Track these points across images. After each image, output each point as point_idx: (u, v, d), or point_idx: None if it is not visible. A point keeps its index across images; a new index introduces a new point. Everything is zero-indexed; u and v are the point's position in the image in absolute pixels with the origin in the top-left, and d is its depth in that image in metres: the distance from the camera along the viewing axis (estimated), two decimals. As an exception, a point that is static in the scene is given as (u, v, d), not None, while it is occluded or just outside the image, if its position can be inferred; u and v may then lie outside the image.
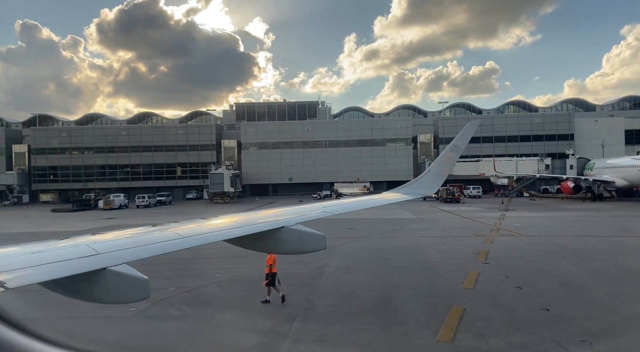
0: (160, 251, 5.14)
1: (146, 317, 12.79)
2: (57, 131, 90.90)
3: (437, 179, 13.13)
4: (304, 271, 18.41)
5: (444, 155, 13.63)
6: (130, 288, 4.50)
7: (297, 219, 7.47)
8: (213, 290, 15.67)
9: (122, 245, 5.04)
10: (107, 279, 4.28)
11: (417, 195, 12.77)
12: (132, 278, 4.43)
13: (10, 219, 50.17)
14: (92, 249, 4.63)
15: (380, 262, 20.17)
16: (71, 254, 4.49)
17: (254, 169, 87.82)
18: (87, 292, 4.39)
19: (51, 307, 13.62)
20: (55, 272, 4.06)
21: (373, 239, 27.70)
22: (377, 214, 45.29)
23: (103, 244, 4.92)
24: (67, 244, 4.91)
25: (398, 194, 12.62)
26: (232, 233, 6.36)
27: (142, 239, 5.38)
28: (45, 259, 4.23)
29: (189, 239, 5.62)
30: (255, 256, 22.12)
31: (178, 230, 5.95)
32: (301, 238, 7.06)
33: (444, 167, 13.37)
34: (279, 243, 6.93)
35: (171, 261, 21.11)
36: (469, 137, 14.27)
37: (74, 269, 4.17)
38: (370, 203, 12.42)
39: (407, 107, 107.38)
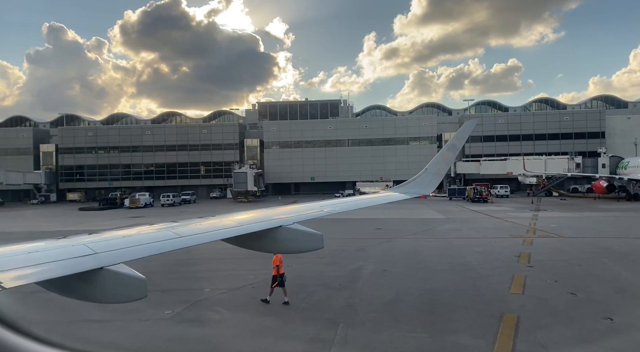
0: (157, 250, 5.10)
1: (183, 320, 12.38)
2: (83, 131, 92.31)
3: (434, 178, 13.03)
4: (339, 273, 17.83)
5: (441, 154, 13.56)
6: (128, 287, 4.46)
7: (294, 219, 7.42)
8: (249, 292, 15.19)
9: (119, 244, 4.99)
10: (104, 278, 4.25)
11: (415, 194, 12.79)
12: (130, 277, 4.39)
13: (40, 218, 50.90)
14: (89, 248, 4.60)
15: (417, 264, 19.42)
16: (68, 253, 4.46)
17: (276, 168, 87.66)
18: (85, 292, 4.35)
19: (80, 310, 13.34)
20: (53, 272, 4.03)
21: (405, 240, 26.92)
22: (405, 214, 44.45)
23: (100, 244, 4.86)
24: (64, 244, 4.84)
25: (395, 193, 12.68)
26: (229, 232, 6.30)
27: (139, 239, 5.33)
28: (42, 259, 4.21)
29: (186, 239, 5.58)
30: (287, 257, 21.64)
31: (175, 229, 5.90)
32: (298, 237, 7.01)
33: (442, 166, 13.29)
34: (277, 242, 6.88)
35: (203, 261, 20.84)
36: (466, 136, 14.46)
37: (71, 268, 4.13)
38: (368, 202, 12.39)
39: (431, 105, 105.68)
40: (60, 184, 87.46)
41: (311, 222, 29.27)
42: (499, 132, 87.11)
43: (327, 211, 9.16)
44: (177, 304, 13.73)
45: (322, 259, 20.69)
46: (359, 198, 12.30)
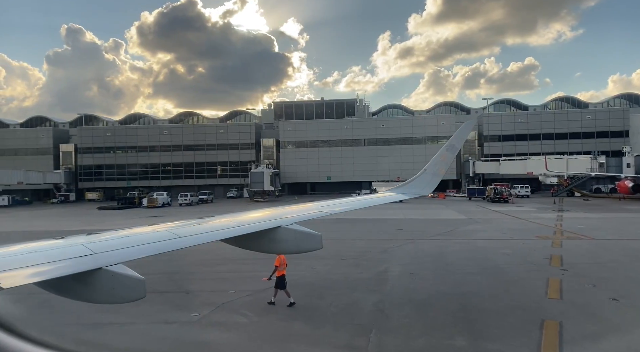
0: (156, 250, 5.08)
1: (210, 324, 12.05)
2: (102, 131, 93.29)
3: (433, 179, 13.09)
4: (365, 276, 17.37)
5: (440, 155, 13.50)
6: (126, 288, 4.43)
7: (293, 219, 7.41)
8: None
9: (118, 245, 4.97)
10: (102, 279, 4.23)
11: (414, 195, 12.82)
12: (128, 278, 4.36)
13: (61, 217, 51.38)
14: (87, 248, 4.58)
15: (445, 267, 18.85)
16: (66, 254, 4.43)
17: (293, 167, 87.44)
18: (83, 293, 4.33)
19: (95, 313, 13.07)
20: (51, 273, 4.01)
21: (429, 241, 26.32)
22: (425, 215, 43.78)
23: (98, 244, 4.85)
24: (62, 244, 4.82)
25: (394, 194, 12.65)
26: (228, 233, 6.29)
27: (137, 239, 5.30)
28: (40, 259, 4.20)
29: (185, 239, 5.56)
30: (309, 257, 21.23)
31: (174, 229, 5.89)
32: (297, 238, 7.00)
33: (440, 167, 13.29)
34: (276, 243, 6.88)
35: (224, 262, 20.53)
36: (465, 137, 14.37)
37: (69, 269, 4.11)
38: (367, 203, 12.23)
39: (449, 104, 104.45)
40: (79, 184, 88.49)
41: (329, 223, 29.15)
42: (519, 131, 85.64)
43: (325, 211, 9.09)
44: (202, 306, 13.42)
45: (346, 261, 20.29)
46: (358, 198, 12.69)
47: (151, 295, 15.16)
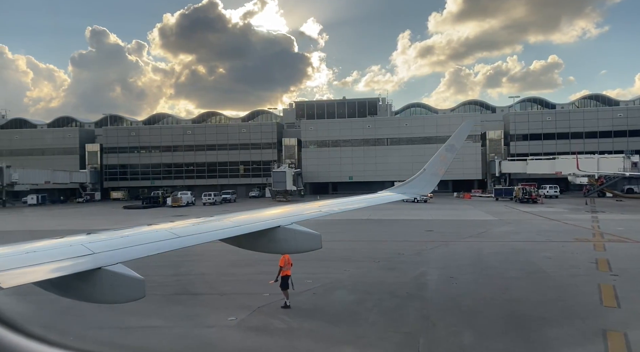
0: (155, 250, 5.08)
1: (249, 328, 11.58)
2: (126, 131, 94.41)
3: (432, 179, 13.05)
4: (403, 280, 16.71)
5: (439, 155, 13.51)
6: (126, 288, 4.42)
7: (292, 219, 7.38)
8: (311, 299, 14.28)
9: (117, 244, 4.96)
10: (102, 278, 4.23)
11: (413, 194, 12.92)
12: (128, 278, 4.35)
13: (87, 216, 51.94)
14: (87, 248, 4.58)
15: (485, 271, 18.05)
16: (66, 253, 4.45)
17: (314, 167, 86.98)
18: (83, 292, 4.32)
19: (134, 314, 12.75)
20: (50, 272, 4.01)
21: (462, 243, 25.48)
22: (453, 215, 42.80)
23: (98, 244, 4.84)
24: (62, 244, 4.82)
25: (393, 193, 12.62)
26: (228, 232, 6.30)
27: (137, 239, 5.30)
28: (40, 259, 4.20)
29: (184, 239, 5.57)
30: (340, 259, 20.67)
31: (174, 229, 5.89)
32: (297, 238, 6.97)
33: (440, 167, 13.29)
34: (275, 242, 6.84)
35: (255, 263, 20.10)
36: (465, 136, 14.54)
37: (69, 268, 4.11)
38: (366, 202, 12.13)
39: (473, 103, 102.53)
40: (104, 183, 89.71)
41: (355, 223, 28.67)
42: (546, 130, 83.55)
43: (325, 211, 9.07)
44: (239, 309, 12.97)
45: (379, 264, 19.67)
46: (357, 198, 12.26)
47: (185, 297, 14.89)
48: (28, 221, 47.26)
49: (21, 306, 12.40)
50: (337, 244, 26.27)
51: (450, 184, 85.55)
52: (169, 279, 17.37)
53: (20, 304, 12.53)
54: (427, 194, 13.76)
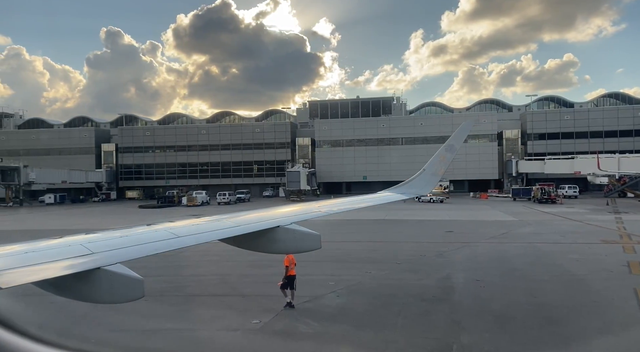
0: (154, 250, 5.08)
1: (274, 332, 11.25)
2: (141, 131, 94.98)
3: (431, 179, 13.21)
4: (427, 283, 16.25)
5: (438, 155, 13.59)
6: (125, 288, 4.41)
7: (292, 219, 7.36)
8: (334, 301, 13.92)
9: (116, 244, 4.96)
10: (101, 278, 4.23)
11: (412, 195, 12.88)
12: (126, 278, 4.35)
13: (104, 215, 52.21)
14: (85, 248, 4.59)
15: (511, 273, 17.51)
16: (65, 253, 4.45)
17: (328, 167, 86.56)
18: (81, 292, 4.32)
19: (155, 317, 12.51)
20: (50, 272, 4.02)
21: (484, 244, 24.89)
22: (471, 216, 42.10)
23: (97, 244, 4.85)
24: (61, 244, 4.82)
25: (392, 193, 12.69)
26: (227, 232, 6.31)
27: (136, 239, 5.30)
28: (38, 259, 4.21)
29: (183, 239, 5.57)
30: (362, 261, 20.26)
31: (173, 229, 5.89)
32: (296, 238, 6.94)
33: (439, 167, 13.37)
34: (275, 243, 6.81)
35: (275, 263, 19.79)
36: (464, 137, 14.61)
37: (68, 268, 4.12)
38: (365, 203, 12.15)
39: (490, 102, 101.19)
40: (119, 183, 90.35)
41: (371, 223, 28.25)
42: (565, 129, 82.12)
43: (324, 211, 9.14)
44: (262, 312, 12.65)
45: (402, 266, 19.22)
46: (356, 198, 12.50)
47: (208, 298, 14.62)
48: (46, 220, 47.63)
49: (37, 310, 12.24)
50: (356, 245, 25.90)
51: (466, 184, 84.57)
52: (189, 280, 17.17)
53: (36, 308, 12.37)
54: (427, 194, 13.69)
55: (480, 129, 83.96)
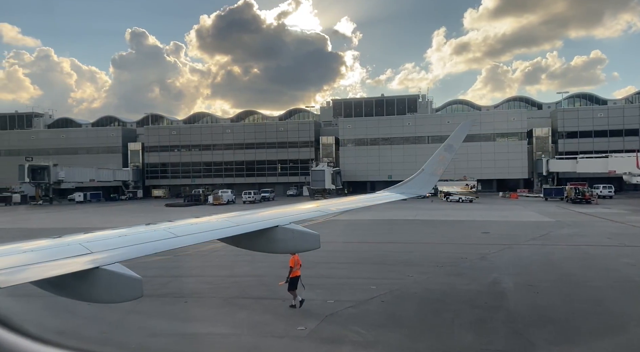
0: (153, 250, 5.09)
1: (322, 340, 10.58)
2: (167, 130, 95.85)
3: (431, 179, 13.24)
4: (476, 288, 15.36)
5: (437, 155, 13.60)
6: (123, 287, 4.41)
7: (291, 218, 7.32)
8: (380, 307, 13.16)
9: (115, 244, 4.96)
10: (99, 278, 4.23)
11: (411, 195, 12.80)
12: (125, 277, 4.36)
13: (132, 213, 52.53)
14: (84, 247, 4.61)
15: (564, 278, 16.46)
16: (64, 252, 4.45)
17: (352, 166, 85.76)
18: (80, 292, 4.32)
19: (206, 320, 12.01)
20: (48, 272, 4.02)
21: (526, 246, 23.78)
22: (505, 216, 40.75)
23: (96, 243, 4.86)
24: (59, 243, 4.81)
25: (392, 193, 12.71)
26: (226, 232, 6.30)
27: (135, 238, 5.30)
28: (37, 258, 4.22)
29: (182, 238, 5.57)
30: (401, 264, 19.45)
31: (172, 229, 5.88)
32: (295, 237, 6.91)
33: (438, 167, 13.37)
34: (273, 242, 6.80)
35: (310, 265, 19.18)
36: (463, 137, 14.44)
37: (66, 268, 4.12)
38: (364, 202, 12.17)
39: (519, 99, 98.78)
40: (146, 181, 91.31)
41: (402, 224, 27.40)
42: (598, 127, 79.49)
43: (323, 210, 9.17)
44: (305, 317, 12.02)
45: (444, 269, 18.35)
46: (356, 198, 12.51)
47: (248, 301, 14.04)
48: (77, 218, 48.14)
49: (68, 318, 11.88)
50: (391, 246, 25.10)
51: (495, 183, 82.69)
52: (227, 281, 16.67)
53: (67, 315, 12.02)
54: (427, 194, 13.42)
55: (509, 127, 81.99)
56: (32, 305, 13.01)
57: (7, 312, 3.40)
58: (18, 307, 12.24)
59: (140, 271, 15.08)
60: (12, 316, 3.08)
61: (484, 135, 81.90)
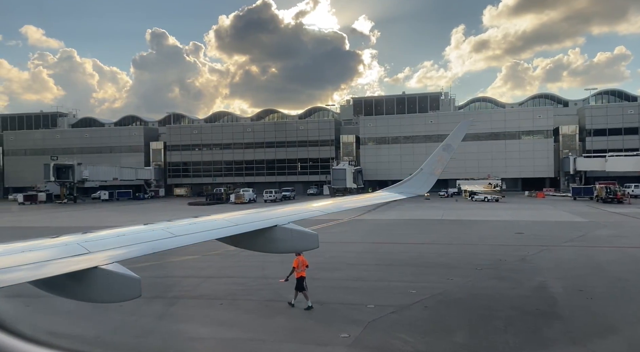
0: (151, 249, 5.06)
1: (370, 349, 10.00)
2: (189, 129, 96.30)
3: (429, 179, 13.32)
4: (522, 292, 14.56)
5: (436, 154, 13.73)
6: (122, 287, 4.38)
7: (289, 218, 7.33)
8: (424, 313, 12.50)
9: (113, 244, 4.96)
10: (98, 278, 4.21)
11: (410, 194, 12.85)
12: (124, 277, 4.32)
13: (156, 211, 52.72)
14: (83, 247, 4.59)
15: (616, 283, 15.53)
16: (62, 252, 4.44)
17: (373, 164, 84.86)
18: (78, 291, 4.29)
19: (244, 326, 11.51)
20: (46, 271, 4.00)
21: (566, 248, 22.79)
22: (535, 216, 39.56)
23: (94, 243, 4.85)
24: (57, 243, 4.83)
25: (391, 193, 12.84)
26: (225, 232, 6.30)
27: (133, 238, 5.29)
28: (35, 258, 4.21)
29: (181, 238, 5.56)
30: (439, 266, 18.73)
31: (170, 228, 5.86)
32: (294, 237, 6.93)
33: (437, 167, 13.47)
34: (272, 242, 6.80)
35: (343, 267, 18.61)
36: (461, 136, 14.74)
37: (64, 268, 4.08)
38: (364, 202, 12.28)
39: (544, 96, 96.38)
40: (167, 180, 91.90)
41: (433, 224, 26.87)
42: (628, 124, 77.07)
43: (322, 210, 9.22)
44: (348, 324, 11.44)
45: (483, 271, 17.57)
46: (356, 198, 12.89)
47: (283, 304, 13.47)
48: (103, 217, 48.48)
49: (95, 324, 11.51)
50: (423, 247, 24.37)
51: (520, 182, 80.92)
52: (259, 282, 16.19)
53: (93, 322, 11.65)
54: (425, 194, 12.98)
55: (534, 125, 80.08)
56: (55, 308, 12.71)
57: (15, 315, 3.35)
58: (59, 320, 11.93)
59: (169, 271, 14.70)
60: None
61: (509, 134, 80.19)
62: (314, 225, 33.38)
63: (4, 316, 3.29)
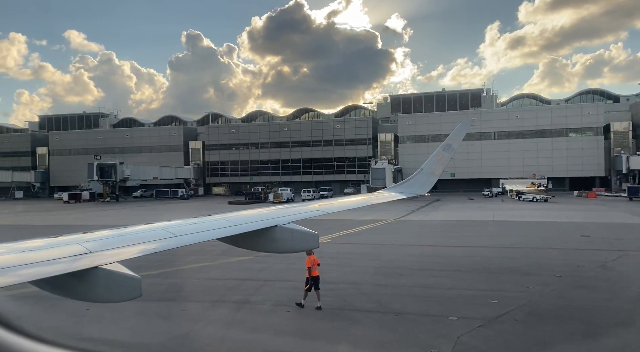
0: (152, 250, 5.09)
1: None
2: (227, 128, 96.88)
3: (430, 179, 13.27)
4: (620, 304, 13.04)
5: (436, 154, 13.67)
6: (122, 287, 4.38)
7: (290, 218, 7.29)
8: (516, 327, 11.20)
9: (114, 243, 4.92)
10: (98, 278, 4.22)
11: (410, 194, 12.85)
12: (124, 277, 4.33)
13: (199, 210, 52.79)
14: (83, 247, 4.60)
15: None
16: (63, 252, 4.44)
17: (412, 163, 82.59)
18: (79, 291, 4.30)
19: (324, 337, 10.53)
20: (46, 271, 4.02)
21: (647, 254, 20.90)
22: (594, 217, 37.19)
23: (95, 243, 4.84)
24: (58, 243, 4.78)
25: (392, 193, 12.76)
26: (225, 232, 6.26)
27: (133, 238, 5.27)
28: (36, 258, 4.21)
29: (181, 238, 5.53)
30: (509, 271, 17.29)
31: (170, 228, 5.81)
32: (294, 237, 6.89)
33: (437, 167, 13.46)
34: (273, 242, 6.77)
35: (411, 272, 17.45)
36: (461, 136, 14.68)
37: (65, 267, 4.10)
38: (364, 202, 12.18)
39: (593, 92, 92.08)
40: (206, 179, 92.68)
41: (489, 225, 24.84)
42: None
43: (322, 210, 9.12)
44: (434, 338, 10.33)
45: (564, 279, 16.08)
46: (355, 198, 12.76)
47: (354, 313, 12.40)
48: (148, 215, 48.85)
49: (160, 333, 10.84)
50: (485, 251, 22.87)
51: (567, 181, 77.41)
52: (321, 287, 15.22)
53: (154, 331, 10.97)
54: (425, 193, 13.59)
55: (583, 122, 76.40)
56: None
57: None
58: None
59: (226, 273, 13.72)
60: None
61: (556, 131, 76.82)
62: (360, 226, 32.31)
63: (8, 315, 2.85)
